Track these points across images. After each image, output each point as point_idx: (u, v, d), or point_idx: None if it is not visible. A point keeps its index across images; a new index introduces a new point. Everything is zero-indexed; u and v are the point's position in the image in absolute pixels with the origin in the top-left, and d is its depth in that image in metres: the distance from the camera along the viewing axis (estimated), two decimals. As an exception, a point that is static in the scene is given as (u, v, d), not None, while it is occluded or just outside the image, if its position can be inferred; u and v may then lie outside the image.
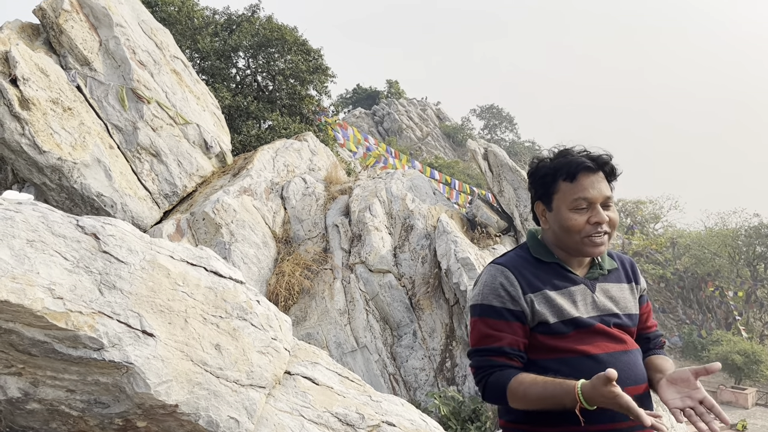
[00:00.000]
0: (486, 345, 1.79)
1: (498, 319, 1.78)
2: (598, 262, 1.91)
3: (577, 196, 1.80)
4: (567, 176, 1.82)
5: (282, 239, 9.92)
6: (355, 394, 4.37)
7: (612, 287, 1.90)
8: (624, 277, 1.96)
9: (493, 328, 1.78)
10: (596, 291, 1.86)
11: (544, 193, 1.89)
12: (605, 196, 1.83)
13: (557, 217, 1.84)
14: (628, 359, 1.79)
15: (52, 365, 3.30)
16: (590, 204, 1.80)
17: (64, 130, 8.53)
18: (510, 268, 1.83)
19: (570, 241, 1.83)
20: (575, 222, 1.80)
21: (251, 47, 16.53)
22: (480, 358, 1.80)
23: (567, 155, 1.87)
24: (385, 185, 10.69)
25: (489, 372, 1.77)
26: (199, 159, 10.17)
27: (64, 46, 9.32)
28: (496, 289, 1.80)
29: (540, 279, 1.82)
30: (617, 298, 1.89)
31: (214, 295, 3.83)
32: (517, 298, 1.78)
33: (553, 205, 1.86)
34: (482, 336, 1.80)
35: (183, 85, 10.60)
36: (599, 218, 1.79)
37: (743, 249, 36.95)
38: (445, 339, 9.27)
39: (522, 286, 1.79)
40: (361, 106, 55.79)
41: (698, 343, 32.60)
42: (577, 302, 1.81)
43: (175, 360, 3.45)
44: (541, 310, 1.77)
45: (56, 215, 3.48)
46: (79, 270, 3.33)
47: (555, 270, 1.85)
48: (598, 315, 1.82)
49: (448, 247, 9.35)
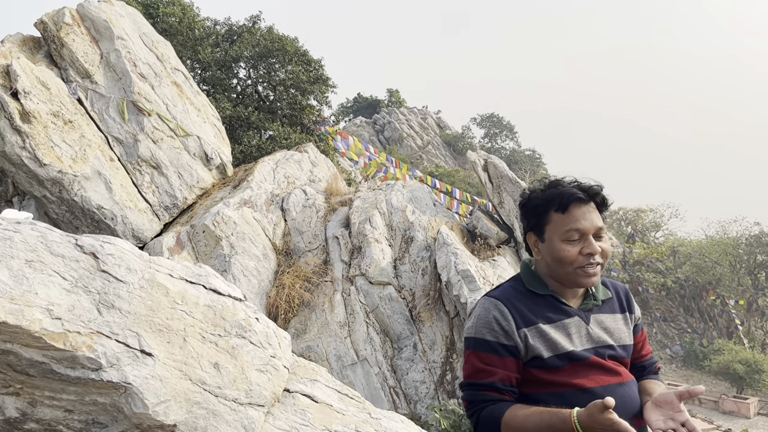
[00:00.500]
0: (478, 380, 1.79)
1: (491, 354, 1.78)
2: (592, 293, 1.91)
3: (569, 227, 1.80)
4: (559, 207, 1.82)
5: (282, 251, 9.91)
6: (355, 411, 4.36)
7: (606, 318, 1.89)
8: (618, 307, 1.95)
9: (485, 363, 1.78)
10: (590, 322, 1.85)
11: (536, 224, 1.88)
12: (597, 227, 1.83)
13: (550, 248, 1.84)
14: (623, 392, 1.78)
15: (50, 385, 3.29)
16: (582, 235, 1.80)
17: (64, 142, 8.55)
18: (504, 301, 1.83)
19: (563, 272, 1.82)
20: (568, 253, 1.80)
21: (252, 58, 16.59)
22: (472, 392, 1.80)
23: (558, 186, 1.88)
24: (386, 197, 10.70)
25: (481, 406, 1.76)
26: (199, 171, 10.18)
27: (65, 59, 9.35)
28: (489, 323, 1.79)
29: (534, 312, 1.82)
30: (612, 329, 1.88)
31: (213, 313, 3.83)
32: (510, 332, 1.77)
33: (546, 236, 1.85)
34: (475, 370, 1.80)
35: (184, 97, 10.62)
36: (591, 249, 1.79)
37: (744, 258, 36.90)
38: (446, 351, 9.24)
39: (516, 321, 1.79)
40: (362, 114, 55.85)
41: (700, 352, 32.49)
42: (571, 335, 1.80)
43: (174, 379, 3.44)
44: (535, 345, 1.77)
45: (55, 234, 3.47)
46: (77, 289, 3.33)
47: (549, 302, 1.85)
48: (593, 347, 1.81)
49: (448, 259, 9.34)
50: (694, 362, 32.39)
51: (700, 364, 31.82)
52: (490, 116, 62.02)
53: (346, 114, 55.60)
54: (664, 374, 29.18)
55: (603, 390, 1.73)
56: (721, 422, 23.09)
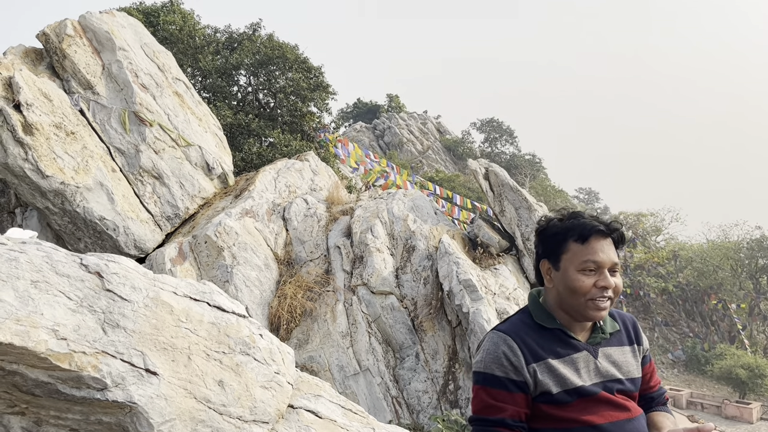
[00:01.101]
0: (488, 415, 1.78)
1: (500, 389, 1.77)
2: (600, 326, 1.91)
3: (586, 258, 1.81)
4: (579, 238, 1.84)
5: (284, 261, 9.92)
6: (359, 426, 4.36)
7: (614, 351, 1.90)
8: (626, 339, 1.96)
9: (495, 399, 1.77)
10: (599, 357, 1.86)
11: (552, 252, 1.89)
12: (613, 262, 1.85)
13: (564, 277, 1.84)
14: (632, 428, 1.79)
15: (55, 405, 3.30)
16: (599, 267, 1.81)
17: (66, 154, 8.57)
18: (513, 336, 1.83)
19: (574, 302, 1.83)
20: (582, 284, 1.80)
21: (252, 65, 16.65)
22: (482, 428, 1.79)
23: (579, 217, 1.89)
24: (387, 206, 10.71)
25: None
26: (201, 181, 10.20)
27: (68, 71, 9.38)
28: (498, 359, 1.79)
29: (542, 347, 1.82)
30: (620, 362, 1.89)
31: (217, 331, 3.83)
32: (520, 368, 1.78)
33: (561, 265, 1.86)
34: (484, 406, 1.79)
35: (185, 107, 10.65)
36: (606, 282, 1.81)
37: (745, 262, 36.87)
38: (448, 361, 9.24)
39: (525, 356, 1.79)
40: (362, 120, 55.93)
41: (702, 356, 32.44)
42: (579, 370, 1.81)
43: (179, 398, 3.45)
44: (544, 380, 1.77)
45: (60, 254, 3.49)
46: (82, 309, 3.34)
47: (557, 336, 1.85)
48: (601, 381, 1.81)
49: (450, 268, 9.34)
50: (696, 367, 32.34)
51: (702, 368, 31.76)
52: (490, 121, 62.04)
53: (345, 119, 55.69)
54: (666, 379, 29.14)
55: (612, 426, 1.74)
56: (724, 427, 23.05)
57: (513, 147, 60.77)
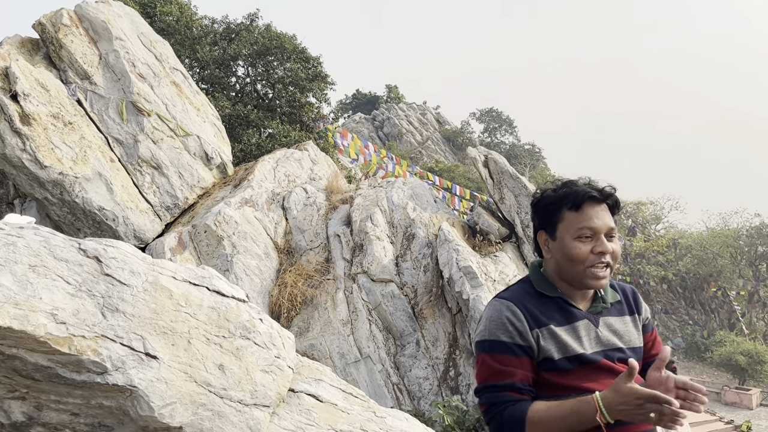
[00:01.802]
0: (498, 381, 1.75)
1: (508, 355, 1.75)
2: (601, 296, 1.90)
3: (581, 225, 1.80)
4: (572, 205, 1.82)
5: (284, 250, 9.92)
6: (360, 410, 4.37)
7: (615, 321, 1.89)
8: (627, 309, 1.94)
9: (503, 364, 1.75)
10: (600, 325, 1.85)
11: (548, 222, 1.87)
12: (609, 227, 1.83)
13: (561, 246, 1.83)
14: None
15: (55, 389, 3.30)
16: (595, 234, 1.80)
17: (65, 144, 8.54)
18: (515, 302, 1.81)
19: (573, 271, 1.82)
20: (579, 251, 1.79)
21: (250, 56, 16.58)
22: (492, 395, 1.75)
23: (572, 185, 1.87)
24: (386, 194, 10.70)
25: (503, 407, 1.72)
26: (200, 170, 10.18)
27: (64, 61, 9.34)
28: (503, 324, 1.77)
29: (544, 314, 1.81)
30: (621, 332, 1.88)
31: (216, 315, 3.83)
32: (524, 333, 1.76)
33: (557, 234, 1.85)
34: (493, 372, 1.76)
35: (183, 96, 10.61)
36: (603, 248, 1.79)
37: (745, 249, 36.91)
38: (449, 348, 9.25)
39: (528, 321, 1.78)
40: (361, 111, 55.82)
41: (701, 344, 32.54)
42: (581, 338, 1.80)
43: (179, 382, 3.45)
44: (547, 346, 1.76)
45: (58, 239, 3.48)
46: (81, 294, 3.33)
47: (558, 305, 1.84)
48: (603, 350, 1.80)
49: (450, 255, 9.34)
50: (695, 354, 32.45)
51: (701, 355, 31.87)
52: (489, 111, 61.96)
53: (345, 110, 55.56)
54: (667, 367, 29.12)
55: None
56: (723, 413, 23.14)
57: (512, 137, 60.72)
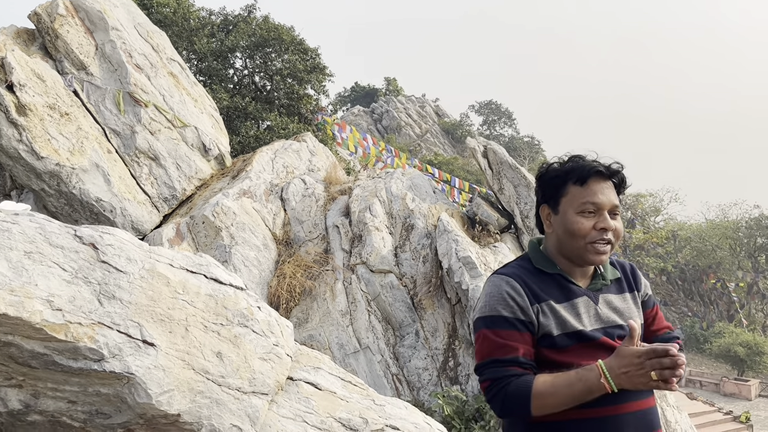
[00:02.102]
0: (501, 356, 1.72)
1: (510, 329, 1.73)
2: (601, 273, 1.88)
3: (585, 200, 1.78)
4: (578, 180, 1.80)
5: (282, 241, 9.89)
6: (359, 398, 4.35)
7: (615, 298, 1.86)
8: (626, 286, 1.93)
9: (506, 339, 1.72)
10: (599, 303, 1.82)
11: (552, 196, 1.85)
12: (613, 204, 1.80)
13: (563, 220, 1.81)
14: None
15: (52, 377, 3.28)
16: (598, 209, 1.78)
17: (61, 135, 8.50)
18: (515, 278, 1.79)
19: (574, 245, 1.79)
20: (581, 225, 1.77)
21: (248, 47, 16.50)
22: (494, 370, 1.72)
23: (579, 160, 1.85)
24: (385, 185, 10.67)
25: (507, 382, 1.69)
26: (197, 162, 10.14)
27: (60, 51, 9.28)
28: (504, 299, 1.75)
29: (543, 290, 1.79)
30: (621, 309, 1.85)
31: (214, 303, 3.81)
32: (526, 308, 1.74)
33: (560, 208, 1.82)
34: (495, 347, 1.73)
35: (180, 87, 10.56)
36: (606, 224, 1.77)
37: (744, 241, 36.96)
38: (448, 338, 9.24)
39: (529, 296, 1.76)
40: (360, 104, 55.69)
41: (700, 335, 32.63)
42: (580, 314, 1.78)
43: (177, 369, 3.43)
44: (546, 322, 1.74)
45: (53, 225, 3.45)
46: (77, 281, 3.30)
47: (558, 281, 1.82)
48: (602, 327, 1.78)
49: (449, 246, 9.32)
50: (694, 345, 32.54)
51: (700, 347, 31.95)
52: (489, 103, 61.89)
53: (343, 103, 55.41)
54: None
55: None
56: (722, 404, 23.21)
57: (512, 129, 60.67)
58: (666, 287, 37.56)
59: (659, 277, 36.92)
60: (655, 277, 36.75)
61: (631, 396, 1.70)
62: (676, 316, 36.32)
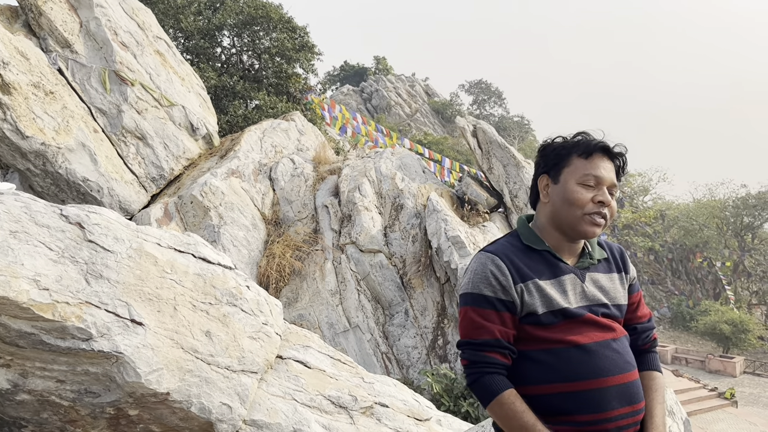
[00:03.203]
0: (478, 338, 1.76)
1: (489, 309, 1.76)
2: (588, 251, 1.90)
3: (588, 172, 1.80)
4: (583, 152, 1.83)
5: (271, 221, 9.87)
6: (348, 376, 4.38)
7: (602, 277, 1.88)
8: (614, 267, 1.94)
9: (484, 319, 1.76)
10: (586, 280, 1.84)
11: (554, 165, 1.87)
12: (612, 182, 1.84)
13: (563, 189, 1.83)
14: (617, 347, 1.78)
15: (40, 356, 3.27)
16: (598, 183, 1.81)
17: (46, 114, 8.39)
18: (500, 255, 1.81)
19: (570, 214, 1.81)
20: (581, 195, 1.79)
21: (236, 26, 16.28)
22: (472, 352, 1.78)
23: (585, 135, 1.88)
24: (374, 165, 10.64)
25: (483, 371, 1.76)
26: (185, 141, 10.05)
27: (44, 29, 9.12)
28: (486, 278, 1.77)
29: (530, 267, 1.80)
30: (607, 288, 1.87)
31: (203, 282, 3.80)
32: (507, 287, 1.76)
33: (561, 178, 1.84)
34: (474, 326, 1.77)
35: (167, 66, 10.43)
36: (604, 198, 1.80)
37: (731, 220, 37.27)
38: (437, 317, 9.30)
39: (513, 276, 1.77)
40: (349, 83, 55.27)
41: (687, 313, 33.03)
42: (567, 292, 1.79)
43: (165, 348, 3.43)
44: (531, 301, 1.76)
45: (39, 205, 3.42)
46: (64, 260, 3.29)
47: (545, 258, 1.84)
48: (587, 305, 1.80)
49: (438, 225, 9.34)
50: (681, 323, 32.96)
51: (687, 325, 32.37)
52: (479, 83, 61.67)
53: (332, 82, 54.98)
54: (652, 336, 29.57)
55: (596, 346, 1.73)
56: (707, 381, 23.59)
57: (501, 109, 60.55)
58: (654, 266, 37.91)
59: (647, 256, 37.26)
60: (643, 256, 37.07)
61: (615, 369, 1.73)
62: (664, 295, 36.72)
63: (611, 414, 1.70)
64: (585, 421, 1.68)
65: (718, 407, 20.76)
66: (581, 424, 1.69)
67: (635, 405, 1.76)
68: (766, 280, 35.87)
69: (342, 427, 3.89)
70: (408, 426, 4.18)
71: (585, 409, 1.68)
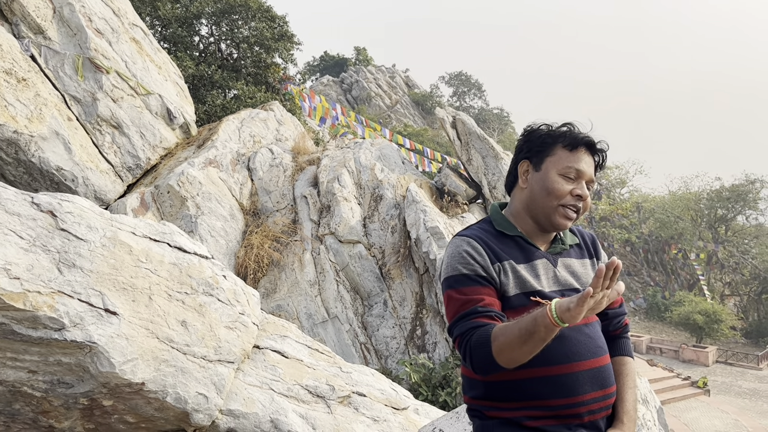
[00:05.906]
0: (466, 310, 1.73)
1: (473, 285, 1.75)
2: (560, 238, 1.92)
3: (571, 165, 1.82)
4: (569, 144, 1.85)
5: (250, 211, 9.80)
6: (325, 365, 4.38)
7: (574, 263, 1.91)
8: (586, 253, 1.97)
9: (470, 294, 1.74)
10: (558, 266, 1.87)
11: (537, 153, 1.88)
12: (591, 177, 1.87)
13: (543, 177, 1.84)
14: (589, 331, 1.80)
15: (11, 346, 3.21)
16: (578, 176, 1.83)
17: (18, 101, 8.22)
18: (475, 238, 1.82)
19: (546, 204, 1.82)
20: (560, 186, 1.81)
21: (214, 14, 16.09)
22: (463, 324, 1.72)
23: (572, 127, 1.90)
24: (354, 155, 10.61)
25: (470, 334, 1.69)
26: (162, 130, 9.93)
27: (16, 14, 8.93)
28: (464, 258, 1.77)
29: (504, 251, 1.82)
30: (579, 273, 1.90)
31: (178, 271, 3.76)
32: (486, 266, 1.76)
33: (543, 167, 1.86)
34: (461, 303, 1.74)
35: (143, 54, 10.27)
36: (582, 192, 1.82)
37: (705, 212, 37.89)
38: (416, 307, 9.33)
39: (489, 255, 1.78)
40: (329, 73, 54.99)
41: (662, 304, 33.56)
42: (539, 276, 1.81)
43: (140, 338, 3.40)
44: (505, 281, 1.77)
45: (9, 192, 3.35)
46: (35, 249, 3.23)
47: (518, 243, 1.85)
48: (560, 290, 1.82)
49: (417, 216, 9.35)
50: (656, 314, 33.48)
51: (661, 315, 32.90)
52: (459, 74, 61.73)
53: (312, 73, 54.66)
54: (628, 326, 30.05)
55: (568, 330, 1.73)
56: (681, 370, 24.03)
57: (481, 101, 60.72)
58: (630, 257, 38.44)
59: (623, 248, 37.76)
60: (620, 247, 37.56)
61: (587, 354, 1.74)
62: (639, 286, 37.26)
63: (584, 398, 1.72)
64: (558, 405, 1.70)
65: (691, 396, 21.16)
66: (554, 408, 1.70)
67: (607, 389, 1.78)
68: (738, 272, 36.57)
69: (319, 416, 3.89)
70: (385, 415, 4.20)
71: (558, 394, 1.70)
